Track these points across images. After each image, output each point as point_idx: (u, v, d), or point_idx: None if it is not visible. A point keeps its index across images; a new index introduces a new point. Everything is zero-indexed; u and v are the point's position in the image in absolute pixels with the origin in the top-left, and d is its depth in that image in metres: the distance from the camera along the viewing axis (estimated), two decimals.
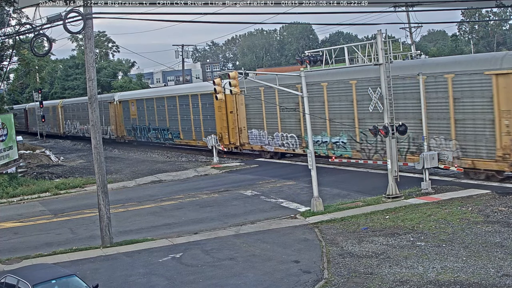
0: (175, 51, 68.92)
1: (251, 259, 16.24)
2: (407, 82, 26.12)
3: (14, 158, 35.37)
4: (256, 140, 37.65)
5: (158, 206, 25.34)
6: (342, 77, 29.91)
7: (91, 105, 19.12)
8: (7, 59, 36.90)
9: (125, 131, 54.72)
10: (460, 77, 24.15)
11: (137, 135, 52.41)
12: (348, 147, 30.08)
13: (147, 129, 50.46)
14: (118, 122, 55.48)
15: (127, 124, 54.08)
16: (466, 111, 24.14)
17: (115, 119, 55.82)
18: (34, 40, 19.86)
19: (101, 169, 19.08)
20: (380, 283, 13.59)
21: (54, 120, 72.51)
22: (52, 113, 72.27)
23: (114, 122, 56.08)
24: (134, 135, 52.93)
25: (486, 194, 21.45)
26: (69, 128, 67.56)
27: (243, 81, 23.77)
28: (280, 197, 25.04)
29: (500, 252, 14.96)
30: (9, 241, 20.98)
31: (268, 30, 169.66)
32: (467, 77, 23.86)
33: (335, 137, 31.00)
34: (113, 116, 55.94)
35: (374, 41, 22.35)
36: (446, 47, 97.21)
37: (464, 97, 24.10)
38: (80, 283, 12.49)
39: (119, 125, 55.50)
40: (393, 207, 20.78)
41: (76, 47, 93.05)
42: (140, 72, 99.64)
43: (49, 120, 73.16)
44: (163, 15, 40.65)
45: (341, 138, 30.54)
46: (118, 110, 55.19)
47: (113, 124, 56.22)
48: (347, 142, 30.27)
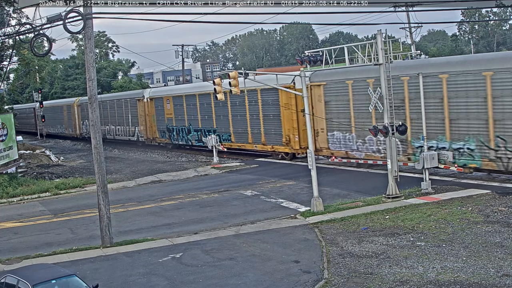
0: (175, 51, 69.00)
1: (251, 259, 16.24)
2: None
3: (14, 158, 35.37)
4: (339, 145, 31.42)
5: (158, 206, 25.34)
6: (473, 67, 24.36)
7: (91, 105, 19.12)
8: (7, 59, 36.90)
9: (157, 132, 48.85)
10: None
11: (173, 137, 46.53)
12: (477, 154, 24.06)
13: (187, 130, 44.65)
14: (149, 122, 49.63)
15: (160, 125, 48.17)
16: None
17: (144, 119, 50.05)
18: (34, 40, 19.88)
19: (101, 169, 19.09)
20: (380, 283, 13.59)
21: (69, 120, 66.62)
22: (67, 112, 66.45)
23: (143, 122, 50.30)
24: (170, 137, 47.02)
25: (486, 194, 21.45)
26: (87, 128, 60.65)
27: (322, 73, 21.29)
28: (280, 197, 25.04)
29: (500, 252, 14.96)
30: (9, 241, 20.98)
31: (268, 30, 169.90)
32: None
33: (457, 142, 24.85)
34: (142, 116, 50.24)
35: (374, 41, 22.35)
36: (446, 47, 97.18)
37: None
38: (80, 283, 12.48)
39: (149, 125, 49.68)
40: (393, 207, 20.77)
41: (76, 47, 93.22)
42: (140, 72, 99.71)
43: (60, 120, 68.82)
44: (163, 15, 40.71)
45: (467, 144, 24.50)
46: (149, 108, 49.50)
47: (142, 125, 50.41)
48: (476, 148, 24.19)
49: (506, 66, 22.89)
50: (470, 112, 24.30)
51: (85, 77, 19.62)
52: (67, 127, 67.77)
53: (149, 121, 49.61)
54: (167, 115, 47.03)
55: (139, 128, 51.29)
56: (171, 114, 46.53)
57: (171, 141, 47.26)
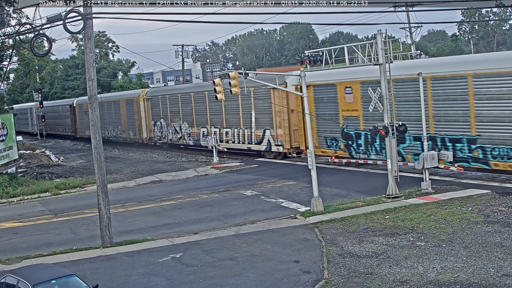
0: (175, 51, 68.93)
1: (251, 259, 16.24)
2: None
3: (14, 158, 35.39)
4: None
5: (158, 206, 25.34)
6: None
7: (91, 105, 19.12)
8: (7, 59, 36.91)
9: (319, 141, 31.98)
10: None
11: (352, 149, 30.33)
12: None
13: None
14: (293, 124, 35.04)
15: (322, 130, 32.21)
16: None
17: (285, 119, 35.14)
18: (34, 40, 19.88)
19: (101, 169, 19.09)
20: (380, 283, 13.59)
21: (131, 120, 52.28)
22: (127, 109, 52.98)
23: (283, 123, 35.21)
24: (348, 149, 30.54)
25: (486, 194, 21.45)
26: (162, 131, 48.33)
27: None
28: (280, 197, 25.04)
29: (500, 252, 14.96)
30: (9, 241, 20.98)
31: (268, 30, 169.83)
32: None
33: None
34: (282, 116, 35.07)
35: (374, 41, 22.35)
36: (446, 47, 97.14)
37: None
38: (80, 283, 12.48)
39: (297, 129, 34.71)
40: (393, 207, 20.77)
41: (76, 47, 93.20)
42: (140, 72, 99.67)
43: (115, 119, 55.31)
44: (163, 15, 40.65)
45: None
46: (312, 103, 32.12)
47: (283, 127, 35.26)
48: None
49: None
50: None
51: (85, 77, 19.62)
52: (126, 129, 53.49)
53: (294, 123, 35.54)
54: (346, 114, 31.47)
55: (271, 133, 36.28)
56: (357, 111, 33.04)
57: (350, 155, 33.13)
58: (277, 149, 36.06)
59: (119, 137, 55.52)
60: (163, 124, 48.05)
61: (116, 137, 56.10)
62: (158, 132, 48.95)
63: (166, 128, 47.65)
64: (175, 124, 46.55)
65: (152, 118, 49.73)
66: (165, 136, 47.95)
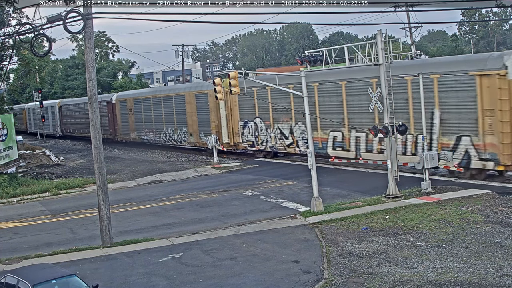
0: (175, 51, 68.96)
1: (251, 259, 16.24)
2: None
3: (14, 158, 35.37)
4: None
5: (158, 206, 25.34)
6: None
7: (91, 105, 19.11)
8: (7, 59, 36.89)
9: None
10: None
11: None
12: None
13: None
14: None
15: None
16: None
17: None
18: (34, 40, 19.86)
19: (101, 169, 19.08)
20: (380, 283, 13.59)
21: (203, 118, 41.64)
22: (199, 106, 41.96)
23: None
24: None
25: (486, 194, 21.45)
26: (258, 135, 37.22)
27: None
28: (280, 197, 25.04)
29: (500, 252, 14.96)
30: (9, 241, 20.98)
31: (268, 30, 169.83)
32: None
33: None
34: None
35: (374, 41, 22.35)
36: (446, 47, 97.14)
37: None
38: (80, 283, 12.48)
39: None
40: (393, 207, 20.77)
41: (76, 47, 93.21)
42: (140, 72, 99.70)
43: (187, 118, 43.28)
44: (163, 15, 40.64)
45: None
46: None
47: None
48: None
49: None
50: None
51: (85, 77, 19.62)
52: (195, 132, 42.73)
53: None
54: None
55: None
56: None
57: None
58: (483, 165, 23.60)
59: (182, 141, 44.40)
60: (259, 126, 37.17)
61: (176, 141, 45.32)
62: (251, 136, 37.88)
63: (265, 131, 36.56)
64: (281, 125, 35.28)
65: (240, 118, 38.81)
66: (262, 142, 37.00)
